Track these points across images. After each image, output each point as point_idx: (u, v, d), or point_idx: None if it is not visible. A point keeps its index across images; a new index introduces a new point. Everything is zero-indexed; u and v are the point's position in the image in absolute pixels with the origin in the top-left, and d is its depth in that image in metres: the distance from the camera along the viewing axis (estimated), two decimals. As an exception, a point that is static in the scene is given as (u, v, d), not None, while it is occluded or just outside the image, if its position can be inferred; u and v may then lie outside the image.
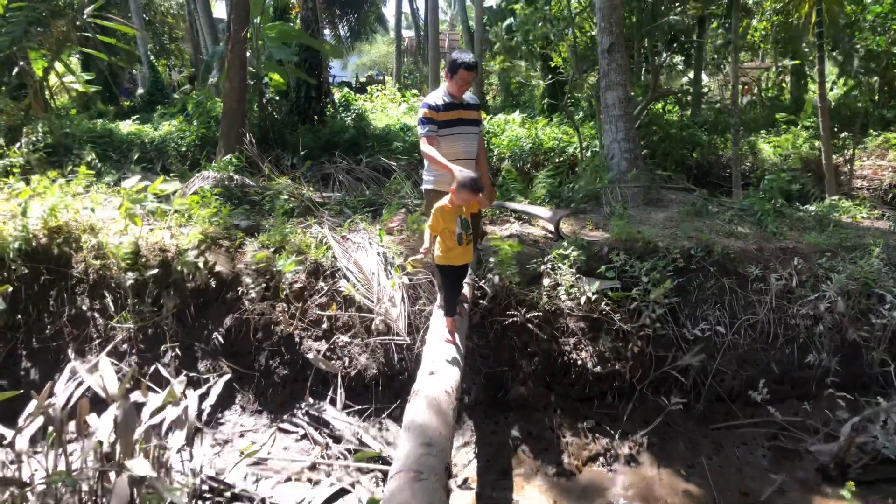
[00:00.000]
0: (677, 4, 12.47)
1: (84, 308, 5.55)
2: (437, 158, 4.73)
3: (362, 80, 35.82)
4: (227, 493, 4.39)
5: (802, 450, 5.23)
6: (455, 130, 4.95)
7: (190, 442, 4.38)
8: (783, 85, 21.09)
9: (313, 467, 4.92)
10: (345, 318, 5.68)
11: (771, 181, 7.49)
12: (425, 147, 4.85)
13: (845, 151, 12.27)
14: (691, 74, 17.75)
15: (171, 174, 8.81)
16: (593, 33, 11.47)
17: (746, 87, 22.69)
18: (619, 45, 8.75)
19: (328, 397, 5.43)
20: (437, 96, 4.97)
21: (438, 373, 3.96)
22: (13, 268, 5.46)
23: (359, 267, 5.86)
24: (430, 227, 4.36)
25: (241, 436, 5.23)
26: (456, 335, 4.55)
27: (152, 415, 4.10)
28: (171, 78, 26.83)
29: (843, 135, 12.42)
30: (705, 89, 17.04)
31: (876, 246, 6.22)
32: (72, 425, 4.17)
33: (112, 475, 3.72)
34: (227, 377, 4.87)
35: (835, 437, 5.11)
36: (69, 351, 5.34)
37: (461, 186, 4.21)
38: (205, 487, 4.43)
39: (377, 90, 21.00)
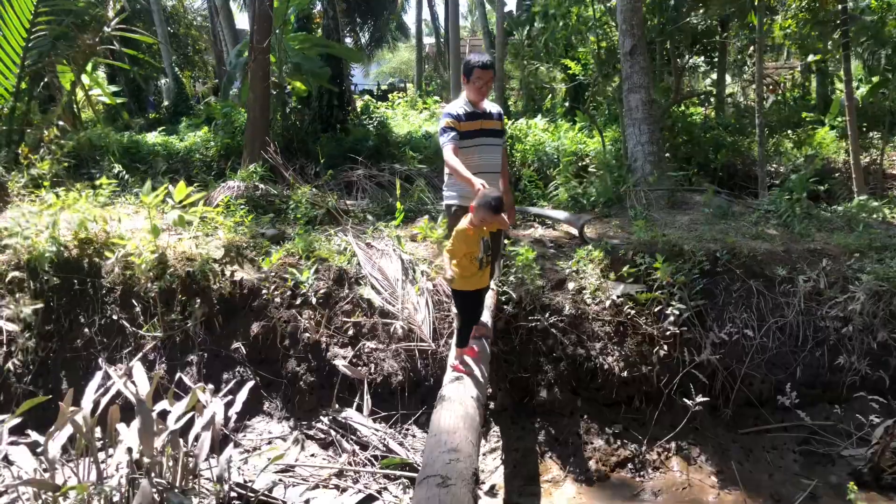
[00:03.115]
0: (700, 5, 12.39)
1: (114, 317, 5.63)
2: (461, 170, 4.40)
3: (384, 87, 35.98)
4: (255, 500, 4.42)
5: (835, 454, 5.15)
6: (477, 141, 4.70)
7: (216, 449, 4.42)
8: (808, 84, 20.82)
9: (340, 474, 4.95)
10: (370, 325, 5.71)
11: (796, 180, 7.39)
12: (449, 157, 4.54)
13: (873, 151, 12.09)
14: (714, 76, 17.59)
15: (196, 184, 8.92)
16: (615, 38, 11.43)
17: (771, 88, 22.43)
18: (641, 47, 8.70)
19: (354, 404, 5.45)
20: (458, 105, 4.75)
21: (465, 379, 3.96)
22: (45, 279, 5.56)
23: (383, 273, 5.89)
24: (450, 252, 4.11)
25: (269, 443, 5.27)
26: (471, 362, 4.32)
27: (177, 421, 4.14)
28: (195, 89, 27.16)
29: (871, 134, 12.23)
30: (729, 91, 16.84)
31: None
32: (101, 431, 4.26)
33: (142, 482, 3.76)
34: (251, 384, 4.92)
35: (867, 441, 5.03)
36: (100, 360, 5.42)
37: (479, 206, 3.95)
38: (233, 494, 4.46)
39: (399, 97, 21.12)
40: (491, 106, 4.87)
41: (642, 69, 8.67)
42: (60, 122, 9.05)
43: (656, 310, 5.65)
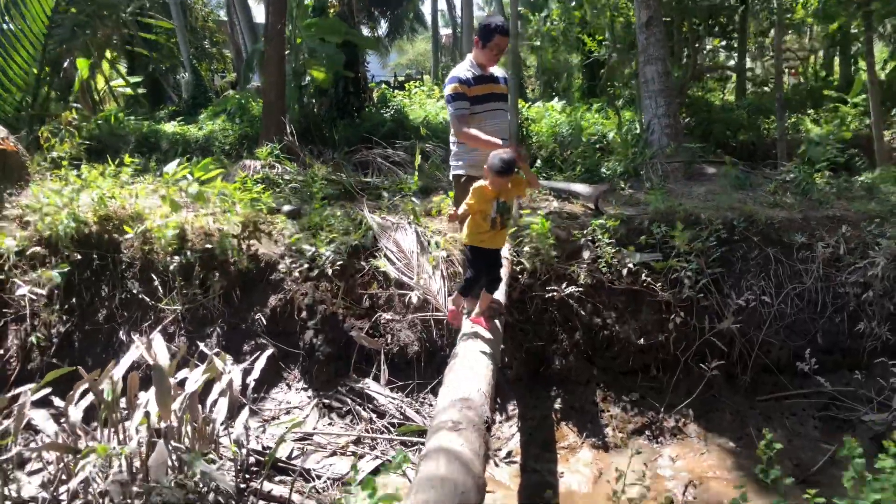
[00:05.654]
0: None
1: (134, 291, 5.71)
2: (478, 135, 4.26)
3: (400, 78, 35.95)
4: (273, 465, 4.47)
5: (856, 420, 5.10)
6: (488, 106, 4.47)
7: (234, 416, 4.48)
8: (830, 64, 20.51)
9: (358, 441, 5.00)
10: (386, 297, 5.75)
11: (817, 151, 7.29)
12: (459, 126, 4.38)
13: (896, 128, 11.91)
14: (734, 59, 17.36)
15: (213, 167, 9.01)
16: (630, 14, 11.35)
17: (794, 70, 22.11)
18: (658, 18, 8.62)
19: (371, 374, 5.50)
20: (465, 68, 4.48)
21: (478, 338, 3.97)
22: (66, 254, 5.65)
23: (398, 246, 5.91)
24: (468, 203, 3.94)
25: (287, 412, 5.33)
26: (481, 330, 4.10)
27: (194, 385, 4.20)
28: (213, 83, 27.31)
29: (893, 113, 12.02)
30: (749, 72, 16.59)
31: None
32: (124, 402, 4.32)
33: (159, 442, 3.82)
34: (270, 351, 4.97)
35: (888, 407, 4.98)
36: (121, 333, 5.51)
37: (489, 169, 3.80)
38: (251, 460, 4.52)
39: (415, 86, 21.10)
40: (497, 70, 4.69)
41: (658, 41, 8.60)
42: (78, 105, 9.16)
43: (672, 277, 5.62)
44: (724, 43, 14.57)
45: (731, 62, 17.30)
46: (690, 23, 12.57)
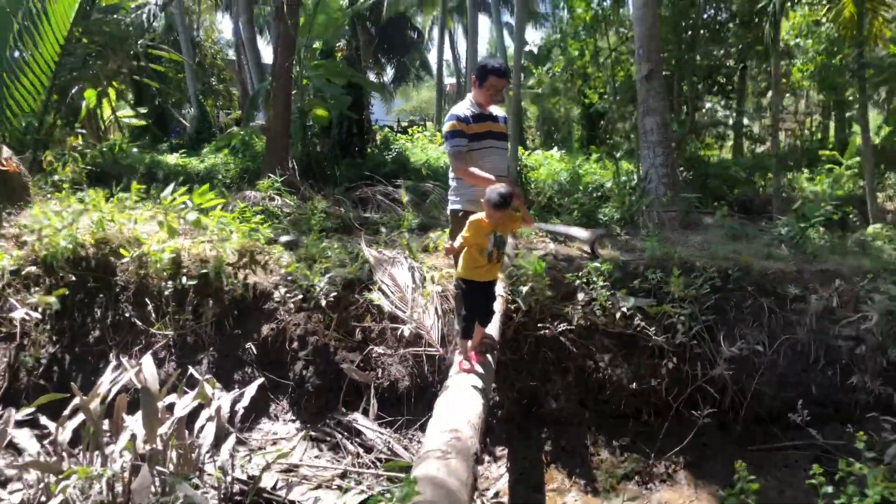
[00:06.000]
0: (714, 41, 12.60)
1: (126, 315, 5.69)
2: (474, 172, 4.31)
3: (404, 124, 36.37)
4: (256, 494, 4.39)
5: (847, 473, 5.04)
6: (485, 144, 4.51)
7: (220, 442, 4.41)
8: (826, 126, 20.88)
9: (344, 475, 4.92)
10: (379, 330, 5.73)
11: (812, 209, 7.39)
12: (456, 163, 4.45)
13: (889, 190, 12.06)
14: (732, 119, 17.67)
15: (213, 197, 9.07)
16: (631, 67, 11.61)
17: (789, 132, 22.49)
18: (658, 71, 8.83)
19: (361, 408, 5.44)
20: (465, 107, 4.54)
21: (471, 372, 3.95)
22: (62, 275, 5.65)
23: (393, 280, 5.92)
24: (464, 237, 3.96)
25: (274, 443, 5.26)
26: (476, 365, 4.08)
27: (183, 410, 4.15)
28: (218, 120, 27.62)
29: (886, 175, 12.20)
30: (746, 128, 16.87)
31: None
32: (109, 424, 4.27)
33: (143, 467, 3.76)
34: (260, 381, 4.92)
35: (880, 461, 4.93)
36: (111, 356, 5.47)
37: (486, 202, 3.83)
38: (235, 489, 4.45)
39: (418, 131, 21.35)
40: (497, 110, 4.73)
41: (658, 93, 8.78)
42: (83, 131, 9.26)
43: (666, 323, 5.62)
44: (722, 102, 14.86)
45: (730, 121, 17.63)
46: (690, 80, 12.84)
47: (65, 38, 8.91)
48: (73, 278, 5.71)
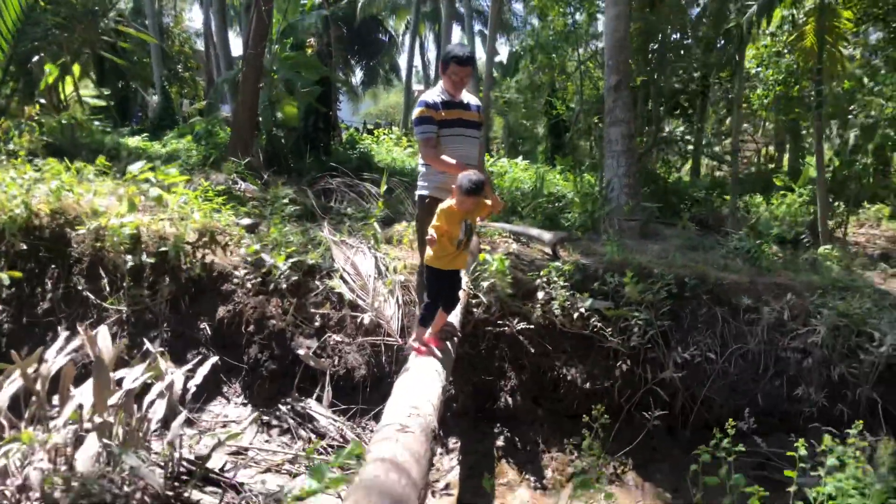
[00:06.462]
0: (680, 61, 12.89)
1: (79, 288, 5.55)
2: (443, 160, 4.25)
3: (370, 126, 36.21)
4: (203, 475, 4.32)
5: (788, 481, 5.17)
6: (455, 131, 4.43)
7: (171, 418, 4.32)
8: (782, 156, 21.51)
9: (294, 460, 4.87)
10: (338, 318, 5.69)
11: (767, 224, 7.59)
12: (425, 149, 4.39)
13: (839, 219, 12.45)
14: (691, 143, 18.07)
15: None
16: (598, 78, 11.79)
17: (745, 160, 23.10)
18: (625, 83, 8.98)
19: (315, 394, 5.40)
20: (435, 94, 4.47)
21: (430, 358, 3.94)
22: (12, 244, 5.48)
23: (356, 269, 5.89)
24: (436, 226, 3.84)
25: (224, 426, 5.18)
26: (434, 350, 4.04)
27: (134, 382, 4.06)
28: (182, 108, 27.12)
29: (836, 204, 12.60)
30: (706, 147, 17.23)
31: (867, 287, 6.27)
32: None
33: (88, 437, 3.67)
34: (214, 359, 4.81)
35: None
36: (60, 328, 5.32)
37: (458, 188, 3.78)
38: (182, 469, 4.36)
39: (384, 133, 21.25)
40: (469, 97, 4.63)
41: (625, 104, 8.93)
42: (42, 101, 9.01)
43: (622, 326, 5.70)
44: (685, 125, 15.20)
45: (690, 143, 18.03)
46: (657, 100, 13.09)
47: (28, 5, 8.68)
48: (25, 247, 5.54)
